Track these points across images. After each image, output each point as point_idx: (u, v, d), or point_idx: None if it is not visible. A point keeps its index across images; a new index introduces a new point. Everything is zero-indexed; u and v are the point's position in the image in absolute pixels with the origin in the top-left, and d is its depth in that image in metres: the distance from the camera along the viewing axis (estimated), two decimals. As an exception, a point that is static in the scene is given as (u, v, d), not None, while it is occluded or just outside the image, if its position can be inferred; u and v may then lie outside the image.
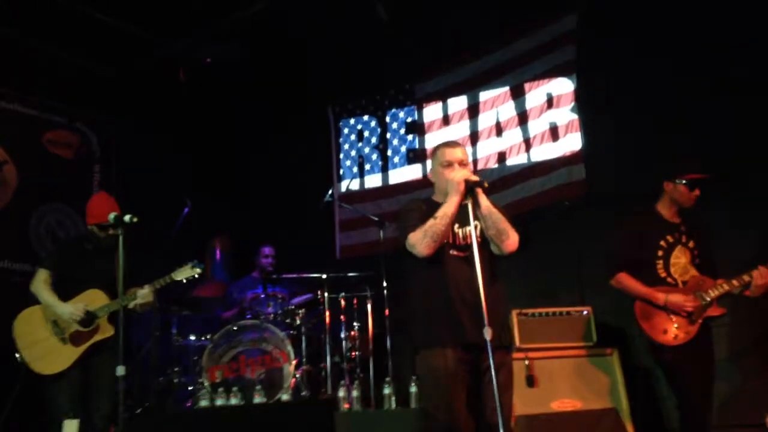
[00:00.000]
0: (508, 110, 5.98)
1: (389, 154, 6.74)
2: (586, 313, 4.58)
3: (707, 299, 3.60)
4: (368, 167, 6.84)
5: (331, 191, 6.13)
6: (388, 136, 6.77)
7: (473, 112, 6.21)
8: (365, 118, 6.94)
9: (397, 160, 6.68)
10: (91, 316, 3.96)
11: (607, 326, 4.62)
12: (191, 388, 5.21)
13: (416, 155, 6.54)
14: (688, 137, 4.69)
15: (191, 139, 7.02)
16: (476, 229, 2.92)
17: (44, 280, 4.07)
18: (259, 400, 4.62)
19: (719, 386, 3.74)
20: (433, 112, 6.52)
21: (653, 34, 5.00)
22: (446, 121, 6.41)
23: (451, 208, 2.93)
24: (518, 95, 5.92)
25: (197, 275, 4.12)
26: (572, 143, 5.51)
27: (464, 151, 3.21)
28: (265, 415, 4.46)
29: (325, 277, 5.38)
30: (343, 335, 5.43)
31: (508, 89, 6.00)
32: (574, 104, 5.54)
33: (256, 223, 7.04)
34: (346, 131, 7.05)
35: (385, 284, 5.21)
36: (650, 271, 3.71)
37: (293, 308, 5.46)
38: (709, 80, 4.68)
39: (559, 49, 5.62)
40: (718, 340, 3.82)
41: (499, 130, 6.03)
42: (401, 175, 6.61)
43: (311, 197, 6.15)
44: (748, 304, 3.68)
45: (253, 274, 6.20)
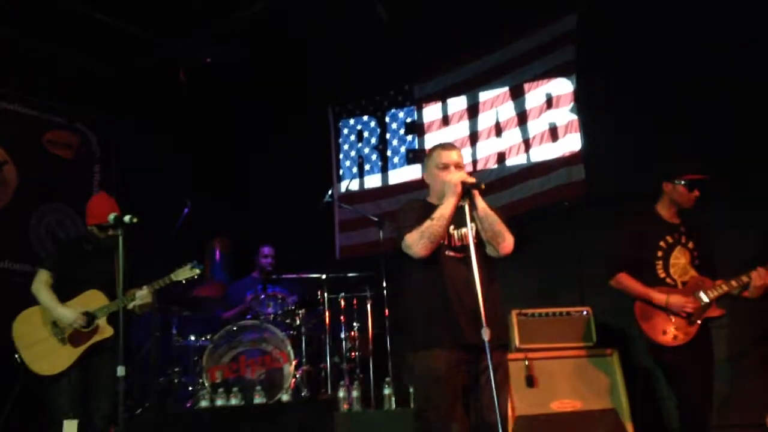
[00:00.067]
0: (507, 110, 5.97)
1: (389, 154, 6.74)
2: (586, 313, 4.58)
3: (706, 300, 3.61)
4: (368, 167, 6.84)
5: (330, 191, 6.12)
6: (387, 136, 6.77)
7: (473, 112, 6.21)
8: (365, 118, 6.94)
9: (396, 160, 6.68)
10: (90, 317, 3.96)
11: (607, 327, 4.61)
12: (191, 388, 5.21)
13: (416, 155, 6.54)
14: (688, 137, 4.69)
15: (191, 139, 7.02)
16: (472, 230, 2.91)
17: (45, 281, 4.06)
18: (259, 400, 4.63)
19: (719, 386, 3.74)
20: (432, 112, 6.51)
21: (653, 34, 4.99)
22: (446, 121, 6.40)
23: (448, 209, 2.93)
24: (518, 95, 5.91)
25: (196, 276, 4.13)
26: (572, 143, 5.50)
27: (460, 153, 3.23)
28: (265, 415, 4.47)
29: (324, 277, 5.39)
30: (343, 335, 5.43)
31: (507, 89, 5.99)
32: (573, 104, 5.53)
33: (256, 223, 7.04)
34: (345, 131, 7.05)
35: (384, 284, 5.21)
36: (650, 271, 3.71)
37: (293, 309, 5.46)
38: (709, 80, 4.68)
39: (558, 49, 5.62)
40: (717, 340, 3.83)
41: (498, 130, 6.02)
42: (401, 175, 6.61)
43: (311, 197, 6.15)
44: (747, 305, 3.67)
45: (252, 274, 6.20)
